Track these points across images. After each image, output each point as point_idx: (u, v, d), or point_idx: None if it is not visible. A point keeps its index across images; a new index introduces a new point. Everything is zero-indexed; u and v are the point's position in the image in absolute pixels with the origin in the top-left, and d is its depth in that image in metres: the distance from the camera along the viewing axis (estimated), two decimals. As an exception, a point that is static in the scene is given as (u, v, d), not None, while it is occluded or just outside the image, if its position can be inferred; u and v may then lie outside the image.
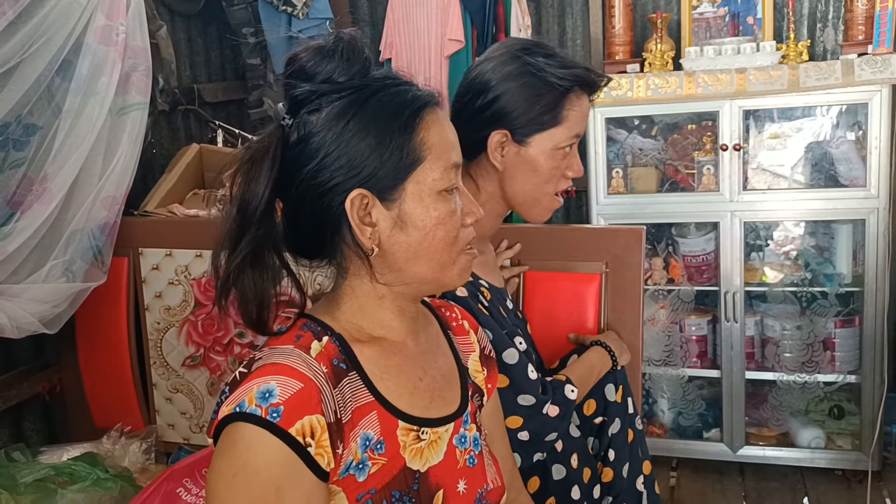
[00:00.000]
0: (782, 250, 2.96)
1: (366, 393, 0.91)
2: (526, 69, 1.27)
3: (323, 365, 0.87)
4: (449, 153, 0.93)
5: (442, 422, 0.97)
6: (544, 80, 1.27)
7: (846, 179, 2.79)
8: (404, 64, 3.40)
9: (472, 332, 1.12)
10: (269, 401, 0.81)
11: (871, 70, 2.58)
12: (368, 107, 0.90)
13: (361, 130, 0.89)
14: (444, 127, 0.95)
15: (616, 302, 1.83)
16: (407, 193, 0.90)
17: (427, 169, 0.91)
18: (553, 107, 1.28)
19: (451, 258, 0.94)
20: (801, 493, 2.79)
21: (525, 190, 1.33)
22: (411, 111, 0.91)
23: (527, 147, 1.30)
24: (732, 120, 2.75)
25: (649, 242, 3.00)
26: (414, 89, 0.94)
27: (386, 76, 0.94)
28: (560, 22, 3.47)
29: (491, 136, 1.29)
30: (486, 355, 1.13)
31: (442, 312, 1.11)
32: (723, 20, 3.06)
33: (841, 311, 2.86)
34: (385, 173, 0.89)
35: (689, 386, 3.06)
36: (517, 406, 1.29)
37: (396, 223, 0.91)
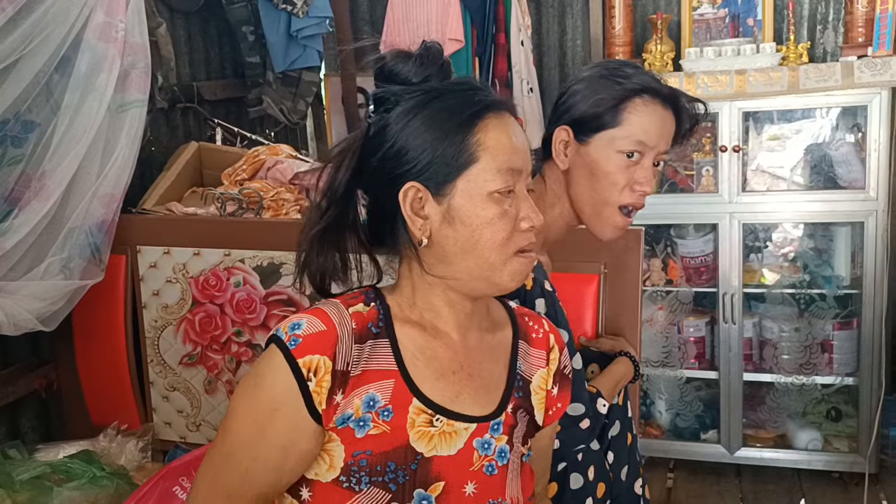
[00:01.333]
0: (781, 252, 2.96)
1: (391, 361, 0.97)
2: (601, 72, 1.28)
3: (354, 322, 0.95)
4: (506, 157, 0.96)
5: (463, 418, 0.99)
6: (612, 80, 1.26)
7: (845, 181, 2.79)
8: (404, 63, 3.39)
9: (555, 349, 1.12)
10: (295, 331, 0.92)
11: (871, 72, 2.58)
12: (433, 106, 0.96)
13: (422, 127, 0.95)
14: (508, 132, 0.97)
15: (614, 303, 1.83)
16: (458, 190, 0.94)
17: (480, 169, 0.94)
18: (613, 106, 1.25)
19: (500, 259, 0.96)
20: (798, 495, 2.79)
21: (586, 195, 1.30)
22: (472, 112, 0.95)
23: (587, 146, 1.27)
24: (732, 121, 2.75)
25: (648, 243, 3.00)
26: (483, 94, 0.98)
27: (462, 81, 1.00)
28: (560, 22, 3.47)
29: (555, 132, 1.29)
30: (564, 374, 1.13)
31: (523, 321, 1.11)
32: (723, 21, 3.06)
33: (839, 314, 2.86)
34: (439, 168, 0.94)
35: (687, 387, 3.06)
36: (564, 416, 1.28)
37: (446, 217, 0.95)
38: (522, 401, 1.06)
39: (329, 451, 0.94)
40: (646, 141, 1.26)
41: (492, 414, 1.02)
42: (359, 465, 0.93)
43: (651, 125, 1.26)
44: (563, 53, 3.49)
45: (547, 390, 1.09)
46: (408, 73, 0.98)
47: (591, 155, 1.27)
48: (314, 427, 0.92)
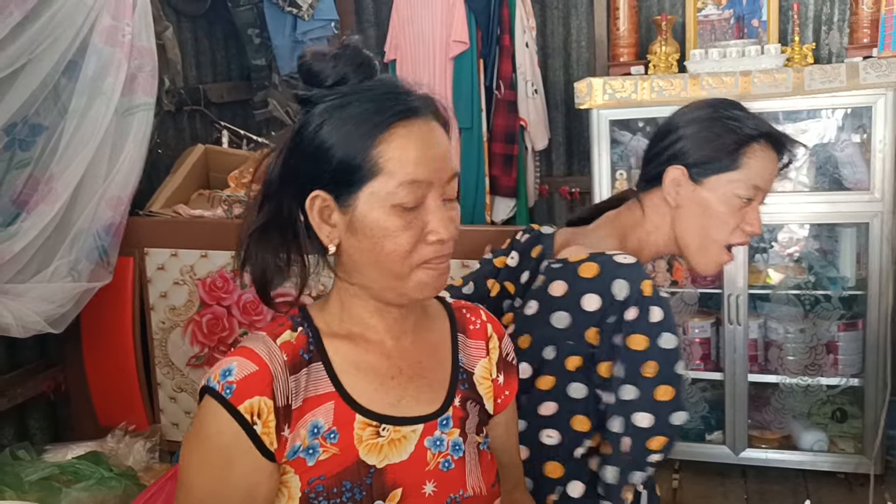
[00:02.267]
0: (786, 253, 2.96)
1: (327, 383, 0.96)
2: (716, 115, 1.32)
3: (284, 353, 0.94)
4: (411, 169, 0.92)
5: (408, 421, 0.99)
6: (729, 126, 1.30)
7: (850, 182, 2.79)
8: (409, 65, 3.41)
9: (494, 338, 1.12)
10: (227, 378, 0.91)
11: (877, 73, 2.57)
12: (343, 112, 0.93)
13: (330, 134, 0.92)
14: (417, 142, 0.93)
15: (619, 304, 1.83)
16: (360, 201, 0.92)
17: (382, 181, 0.92)
18: (733, 150, 1.29)
19: (404, 271, 0.94)
20: (804, 496, 2.79)
21: (694, 232, 1.34)
22: (376, 122, 0.92)
23: (702, 187, 1.31)
24: (737, 122, 2.75)
25: (653, 244, 3.00)
26: (399, 99, 0.94)
27: (379, 83, 0.95)
28: (565, 23, 3.48)
29: (668, 170, 1.32)
30: (507, 362, 1.13)
31: (461, 314, 1.12)
32: (728, 23, 3.06)
33: (844, 315, 2.86)
34: (343, 178, 0.92)
35: (692, 388, 3.06)
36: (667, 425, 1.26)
37: (349, 228, 0.94)
38: (469, 392, 1.07)
39: (286, 484, 0.94)
40: (761, 185, 1.31)
41: (438, 410, 1.02)
42: (315, 491, 0.93)
43: (766, 170, 1.31)
44: (568, 55, 3.49)
45: (492, 379, 1.10)
46: (323, 73, 0.95)
47: (705, 194, 1.31)
48: (271, 466, 0.92)
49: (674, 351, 1.24)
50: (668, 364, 1.24)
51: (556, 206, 3.60)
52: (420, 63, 3.38)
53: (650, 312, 1.22)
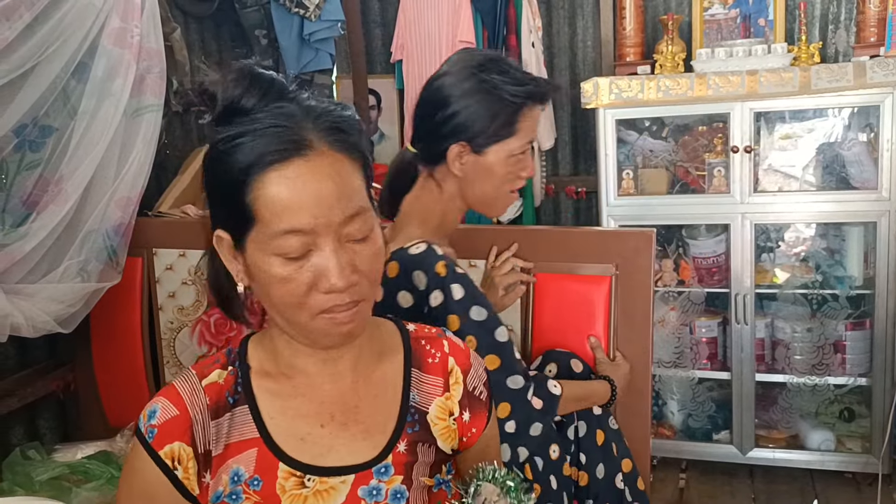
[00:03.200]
0: (793, 252, 2.96)
1: (252, 428, 0.93)
2: (482, 87, 1.36)
3: (208, 396, 0.92)
4: (286, 218, 0.84)
5: (336, 472, 0.94)
6: (499, 97, 1.36)
7: (857, 181, 2.79)
8: (415, 65, 3.42)
9: (455, 372, 1.03)
10: (150, 421, 0.91)
11: (884, 72, 2.57)
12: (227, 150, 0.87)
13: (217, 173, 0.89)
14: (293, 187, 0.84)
15: (626, 304, 1.83)
16: (248, 245, 0.89)
17: (261, 230, 0.86)
18: (508, 121, 1.38)
19: (300, 320, 0.89)
20: (811, 496, 2.79)
21: (484, 192, 1.42)
22: (253, 164, 0.85)
23: (484, 156, 1.39)
24: (743, 121, 2.75)
25: (659, 244, 3.00)
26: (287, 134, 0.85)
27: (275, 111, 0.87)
28: (571, 23, 3.48)
29: (451, 148, 1.38)
30: (474, 396, 1.04)
31: (419, 345, 1.03)
32: (734, 22, 3.05)
33: (851, 314, 2.85)
34: (231, 221, 0.89)
35: (699, 388, 3.06)
36: (505, 389, 1.32)
37: (245, 270, 0.91)
38: (421, 434, 0.99)
39: None
40: (532, 138, 1.42)
41: (374, 459, 0.95)
42: None
43: (535, 123, 1.42)
44: (574, 55, 3.49)
45: (454, 418, 1.02)
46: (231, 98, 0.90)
47: (489, 161, 1.39)
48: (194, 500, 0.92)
49: (487, 321, 1.30)
50: (485, 334, 1.30)
51: (563, 205, 3.60)
52: (426, 63, 3.38)
53: (452, 291, 1.29)
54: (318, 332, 0.91)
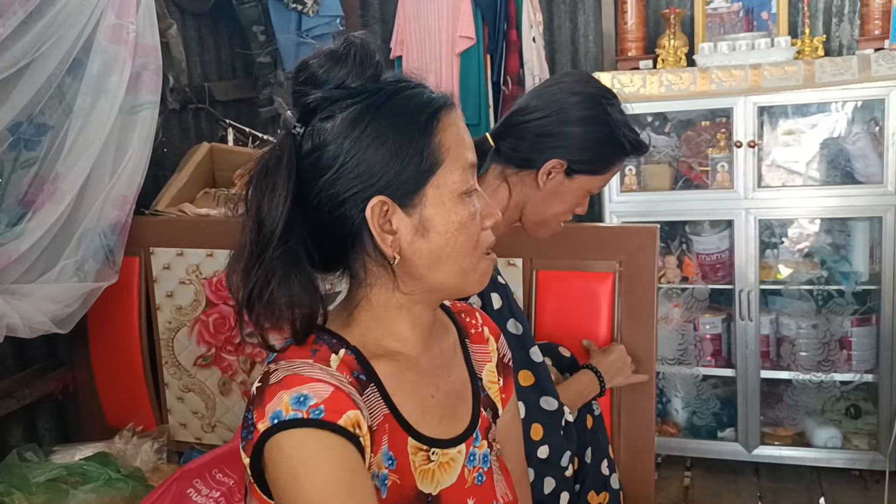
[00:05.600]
0: (797, 248, 2.93)
1: (383, 406, 0.90)
2: (606, 120, 1.36)
3: (344, 374, 0.86)
4: (466, 154, 0.91)
5: (453, 442, 0.95)
6: (616, 139, 1.37)
7: (862, 176, 2.76)
8: (415, 61, 3.39)
9: (491, 340, 1.08)
10: (307, 403, 0.79)
11: (889, 65, 2.54)
12: (384, 111, 0.87)
13: (379, 136, 0.86)
14: (460, 128, 0.93)
15: (630, 301, 1.81)
16: (427, 198, 0.88)
17: (447, 172, 0.89)
18: (609, 162, 1.40)
19: (472, 263, 0.92)
20: (818, 494, 2.76)
21: (544, 213, 1.44)
22: (429, 114, 0.89)
23: (571, 181, 1.39)
24: (747, 116, 2.72)
25: (663, 241, 2.98)
26: (427, 91, 0.92)
27: (399, 79, 0.91)
28: (572, 18, 3.45)
29: (547, 162, 1.37)
30: (505, 364, 1.09)
31: (462, 318, 1.07)
32: (737, 15, 3.03)
33: (857, 310, 2.82)
34: (405, 178, 0.87)
35: (704, 385, 3.04)
36: (539, 410, 1.29)
37: (418, 229, 0.89)
38: (486, 399, 1.03)
39: None
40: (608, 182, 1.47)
41: (471, 424, 0.98)
42: None
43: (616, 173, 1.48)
44: (576, 50, 3.47)
45: (495, 382, 1.06)
46: (345, 76, 0.87)
47: (571, 188, 1.40)
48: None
49: (523, 336, 1.29)
50: (521, 349, 1.28)
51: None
52: (426, 59, 3.36)
53: (491, 300, 1.28)
54: (481, 275, 0.94)
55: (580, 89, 1.38)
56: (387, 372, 0.92)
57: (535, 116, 1.37)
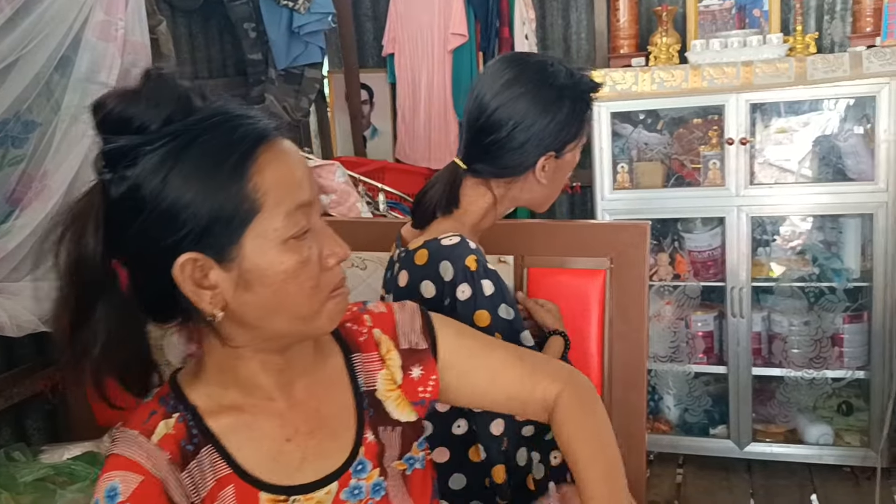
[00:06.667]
0: (789, 245, 2.93)
1: (222, 466, 0.86)
2: (561, 96, 1.34)
3: (167, 451, 0.84)
4: (293, 194, 0.82)
5: (319, 485, 0.90)
6: (578, 100, 1.36)
7: (854, 173, 2.76)
8: (407, 59, 3.38)
9: (384, 341, 1.01)
10: (115, 500, 0.80)
11: (880, 62, 2.54)
12: (188, 155, 0.78)
13: (183, 184, 0.78)
14: (287, 163, 0.83)
15: (621, 298, 1.81)
16: (246, 250, 0.80)
17: (266, 219, 0.80)
18: (585, 119, 1.39)
19: (312, 309, 0.85)
20: (810, 490, 2.77)
21: (549, 191, 1.44)
22: (239, 154, 0.80)
23: (563, 158, 1.40)
24: (739, 113, 2.72)
25: (655, 238, 2.98)
26: (246, 124, 0.82)
27: (214, 113, 0.81)
28: (564, 15, 3.45)
29: (539, 161, 1.36)
30: (415, 350, 1.01)
31: (347, 330, 1.00)
32: (729, 13, 3.03)
33: (849, 307, 2.83)
34: (217, 231, 0.79)
35: (696, 382, 3.04)
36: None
37: (239, 284, 0.81)
38: (377, 417, 0.97)
39: None
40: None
41: (349, 458, 0.93)
42: None
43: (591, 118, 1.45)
44: (568, 47, 3.46)
45: (400, 385, 0.99)
46: (142, 117, 0.79)
47: (565, 162, 1.40)
48: None
49: (514, 321, 1.29)
50: (513, 333, 1.28)
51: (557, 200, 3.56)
52: (418, 56, 3.35)
53: (482, 286, 1.27)
54: (328, 318, 0.87)
55: (525, 81, 1.34)
56: (228, 427, 0.88)
57: (505, 132, 1.35)
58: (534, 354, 1.16)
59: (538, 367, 1.07)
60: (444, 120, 3.28)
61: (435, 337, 1.03)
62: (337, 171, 2.44)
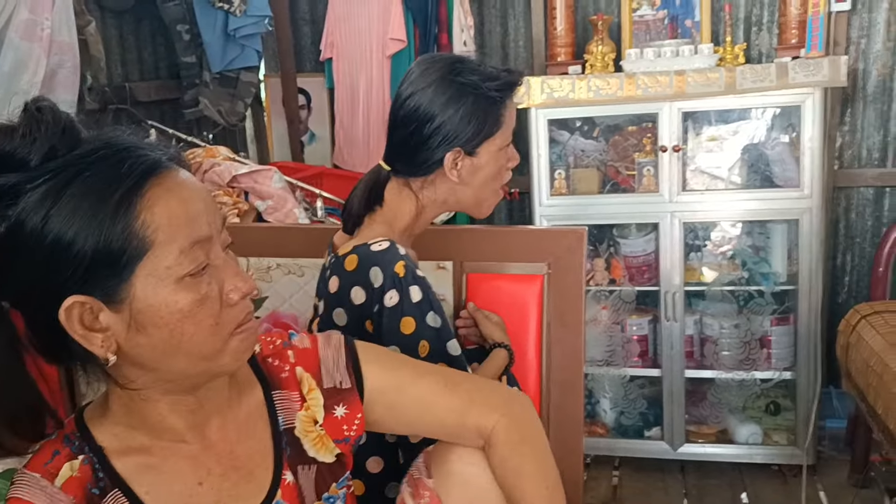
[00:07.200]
0: (720, 250, 3.01)
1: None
2: (464, 90, 1.35)
3: (71, 495, 0.80)
4: (188, 229, 0.78)
5: None
6: (482, 96, 1.36)
7: (781, 180, 2.86)
8: (345, 63, 3.36)
9: (306, 379, 0.97)
10: None
11: (804, 73, 2.64)
12: (70, 192, 0.74)
13: (65, 223, 0.74)
14: (181, 197, 0.78)
15: (558, 303, 1.82)
16: (136, 290, 0.76)
17: (158, 256, 0.76)
18: (495, 117, 1.38)
19: (215, 348, 0.81)
20: (740, 489, 2.84)
21: (473, 192, 1.43)
22: (125, 189, 0.75)
23: (478, 157, 1.39)
24: (672, 121, 2.79)
25: (591, 243, 3.02)
26: (137, 155, 0.77)
27: (102, 145, 0.78)
28: (502, 23, 3.47)
29: (446, 157, 1.37)
30: (340, 390, 0.97)
31: (269, 366, 0.96)
32: (662, 23, 3.09)
33: (776, 310, 2.92)
34: (104, 271, 0.75)
35: (631, 385, 3.09)
36: None
37: (132, 325, 0.77)
38: (295, 456, 0.94)
39: None
40: (514, 126, 1.44)
41: (266, 500, 0.90)
42: None
43: (514, 112, 1.43)
44: (506, 54, 3.49)
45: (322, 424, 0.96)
46: (21, 153, 0.75)
47: (482, 161, 1.40)
48: None
49: (442, 329, 1.29)
50: (439, 342, 1.28)
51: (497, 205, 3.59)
52: (357, 61, 3.33)
53: (410, 293, 1.27)
54: (233, 356, 0.83)
55: (424, 82, 1.37)
56: (136, 469, 0.84)
57: (410, 129, 1.38)
58: (469, 380, 1.12)
59: (473, 396, 1.03)
60: (382, 125, 3.24)
61: (361, 373, 0.99)
62: (273, 176, 2.40)
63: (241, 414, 0.92)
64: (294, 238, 1.91)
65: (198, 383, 0.86)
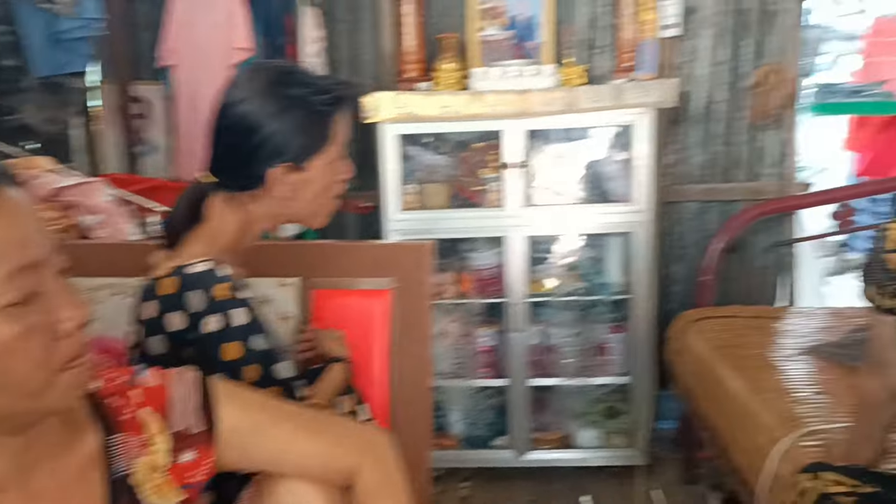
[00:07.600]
0: (562, 262, 3.13)
1: None
2: (291, 104, 1.30)
3: None
4: (13, 254, 0.72)
5: None
6: (310, 110, 1.32)
7: (617, 195, 3.01)
8: (188, 72, 3.23)
9: (153, 423, 0.91)
10: None
11: (637, 94, 2.80)
12: None
13: None
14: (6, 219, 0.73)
15: (406, 317, 1.83)
16: None
17: None
18: (323, 132, 1.34)
19: (42, 383, 0.75)
20: (581, 492, 2.95)
21: (308, 206, 1.39)
22: None
23: (307, 171, 1.34)
24: (516, 139, 2.87)
25: (441, 257, 3.06)
26: None
27: None
28: (352, 37, 3.45)
29: (274, 172, 1.31)
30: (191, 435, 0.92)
31: (108, 406, 0.89)
32: (508, 42, 3.18)
33: (613, 318, 3.07)
34: None
35: (479, 396, 3.14)
36: None
37: None
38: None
39: None
40: (347, 139, 1.40)
41: None
42: None
43: (348, 126, 1.39)
44: (356, 69, 3.47)
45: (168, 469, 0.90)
46: None
47: (312, 175, 1.35)
48: None
49: (268, 352, 1.26)
50: (268, 365, 1.25)
51: (348, 220, 3.55)
52: (200, 70, 3.21)
53: (231, 316, 1.23)
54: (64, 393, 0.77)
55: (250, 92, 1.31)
56: None
57: (233, 140, 1.32)
58: (331, 423, 1.11)
59: (336, 440, 1.04)
60: (227, 136, 3.15)
61: (214, 415, 0.95)
62: (103, 189, 2.26)
63: (74, 459, 0.85)
64: (122, 256, 1.79)
65: (25, 423, 0.78)
